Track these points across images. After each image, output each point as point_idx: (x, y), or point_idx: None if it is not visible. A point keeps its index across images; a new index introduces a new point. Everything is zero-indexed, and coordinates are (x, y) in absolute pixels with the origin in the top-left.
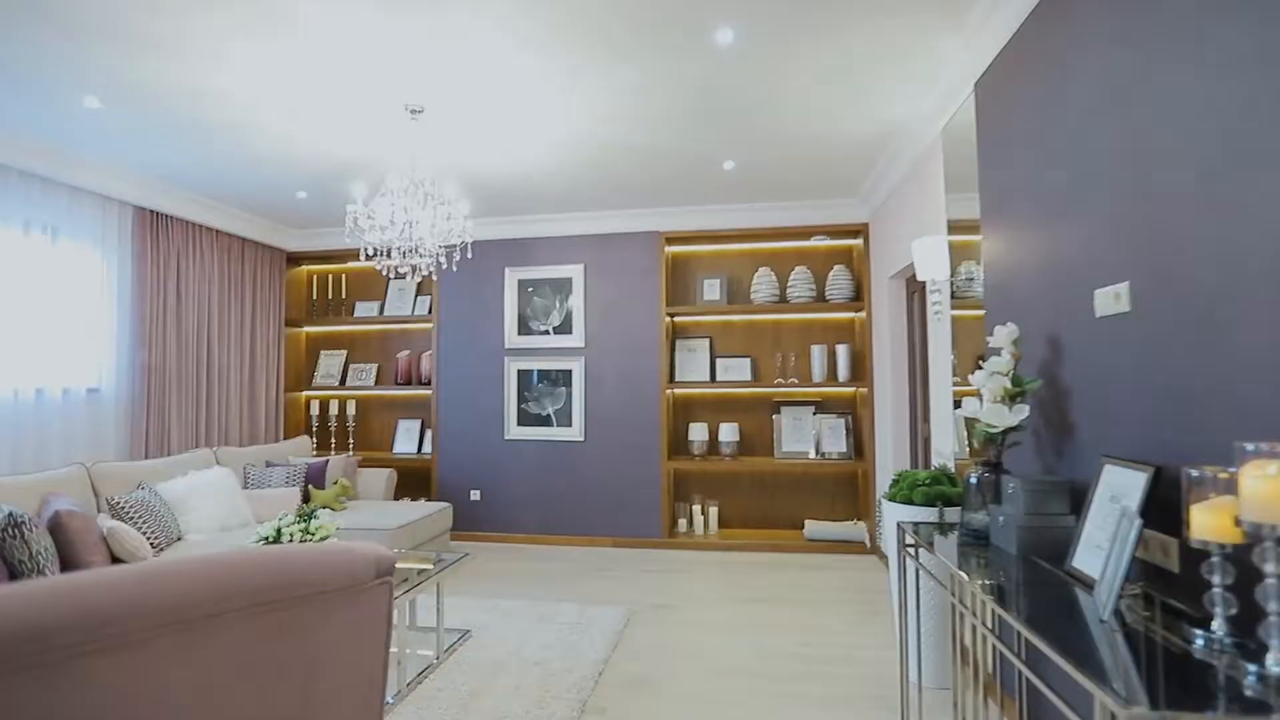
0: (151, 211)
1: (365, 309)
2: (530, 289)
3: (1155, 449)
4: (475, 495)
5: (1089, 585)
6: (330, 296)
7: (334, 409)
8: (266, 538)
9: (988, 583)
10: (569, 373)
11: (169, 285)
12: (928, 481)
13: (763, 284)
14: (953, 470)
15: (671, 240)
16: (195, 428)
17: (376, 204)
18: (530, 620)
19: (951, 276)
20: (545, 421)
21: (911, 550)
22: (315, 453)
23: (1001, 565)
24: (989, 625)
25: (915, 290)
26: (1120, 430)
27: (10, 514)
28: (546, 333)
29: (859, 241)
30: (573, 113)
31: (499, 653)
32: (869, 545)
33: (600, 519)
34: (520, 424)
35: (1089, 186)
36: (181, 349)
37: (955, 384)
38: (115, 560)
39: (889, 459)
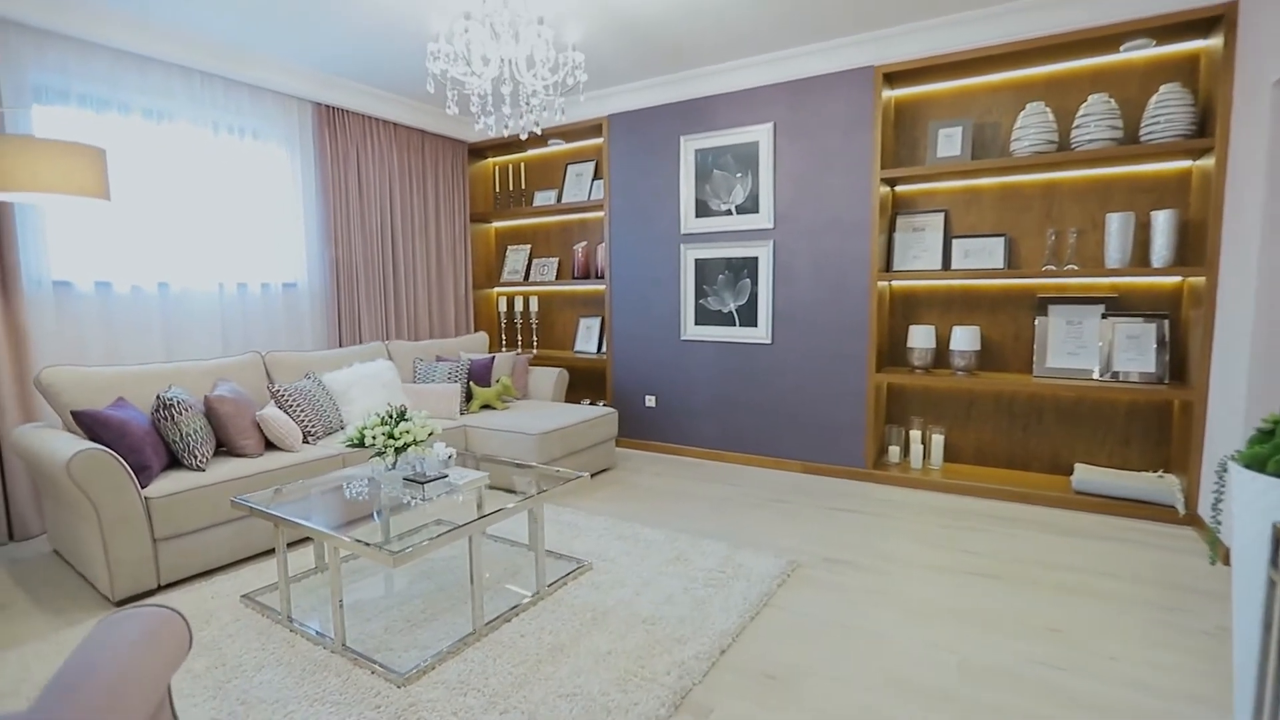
0: (328, 107)
1: (544, 198)
2: (709, 160)
3: None
4: (650, 401)
5: None
6: (511, 188)
7: (519, 305)
8: (351, 440)
9: None
10: (754, 261)
11: (350, 180)
12: None
13: (1030, 127)
14: None
15: (891, 78)
16: (385, 322)
17: (461, 40)
18: (664, 559)
19: None
20: (726, 320)
21: None
22: (504, 348)
23: None
24: None
25: None
26: None
27: (160, 396)
28: (728, 212)
29: (1211, 41)
30: None
31: (610, 598)
32: (1182, 513)
33: (788, 438)
34: (698, 322)
35: None
36: (367, 244)
37: None
38: (269, 445)
39: (1238, 388)
